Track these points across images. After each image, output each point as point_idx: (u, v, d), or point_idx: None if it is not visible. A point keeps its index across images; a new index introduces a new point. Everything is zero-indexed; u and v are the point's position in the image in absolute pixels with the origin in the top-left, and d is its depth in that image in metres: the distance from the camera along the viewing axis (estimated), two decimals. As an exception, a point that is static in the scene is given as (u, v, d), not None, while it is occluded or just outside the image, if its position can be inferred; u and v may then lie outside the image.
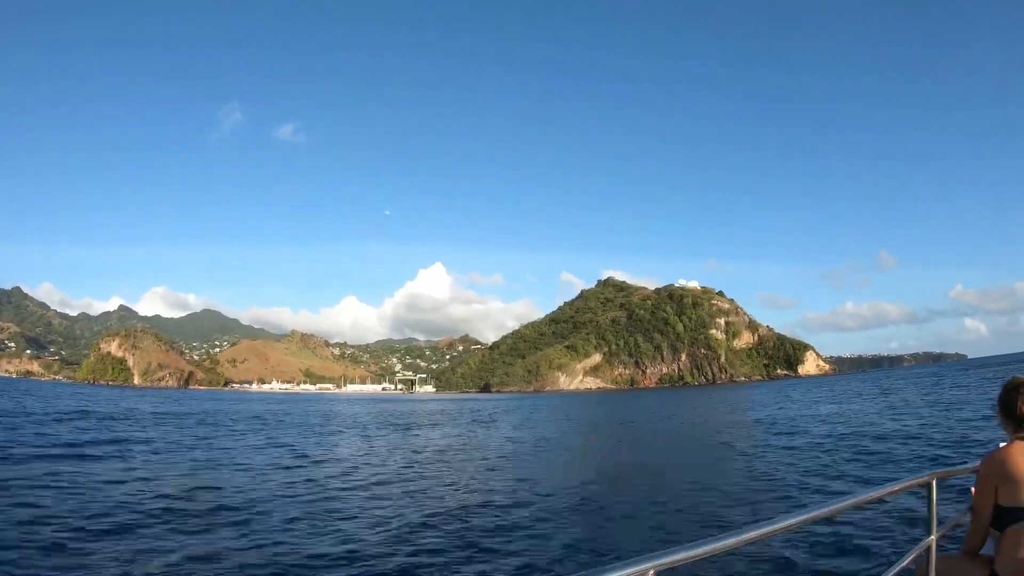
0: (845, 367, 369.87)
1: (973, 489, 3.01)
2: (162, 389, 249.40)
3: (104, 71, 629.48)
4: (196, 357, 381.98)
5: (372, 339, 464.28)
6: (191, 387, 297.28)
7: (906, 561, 2.62)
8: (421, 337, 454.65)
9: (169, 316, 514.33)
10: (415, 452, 22.56)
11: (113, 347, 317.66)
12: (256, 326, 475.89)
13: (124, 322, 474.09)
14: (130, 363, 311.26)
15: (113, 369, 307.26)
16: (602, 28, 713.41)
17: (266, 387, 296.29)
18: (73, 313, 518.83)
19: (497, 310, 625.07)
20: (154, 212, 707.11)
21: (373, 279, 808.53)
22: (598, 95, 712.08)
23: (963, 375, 71.89)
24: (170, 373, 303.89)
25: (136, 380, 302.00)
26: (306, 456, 20.32)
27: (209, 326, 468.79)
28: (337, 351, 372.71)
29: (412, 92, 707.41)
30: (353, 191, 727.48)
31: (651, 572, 1.33)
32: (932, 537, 2.80)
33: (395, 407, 74.17)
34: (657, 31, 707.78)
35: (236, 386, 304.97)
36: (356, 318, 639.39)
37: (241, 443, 24.52)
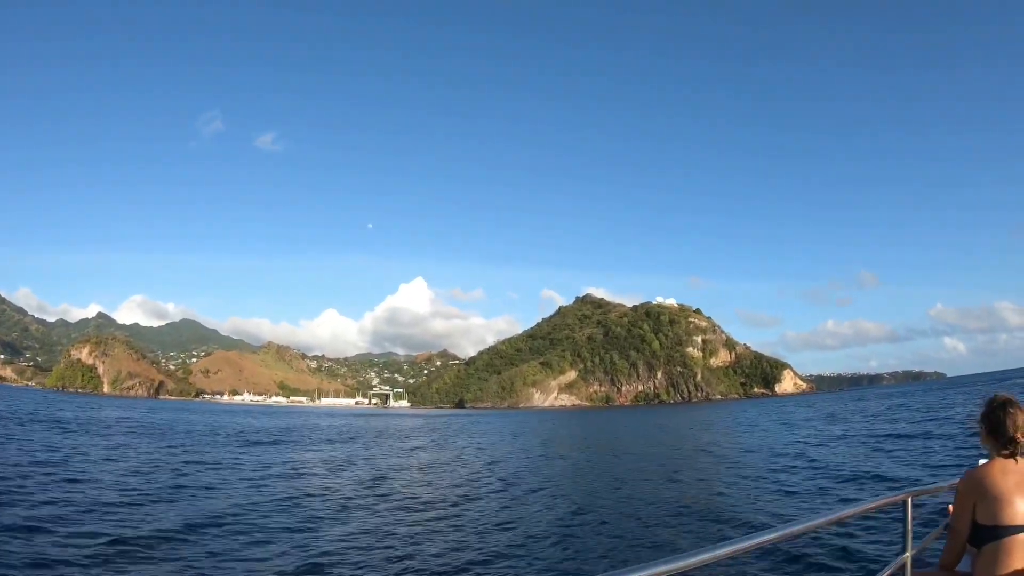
0: (825, 385, 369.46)
1: (951, 507, 2.98)
2: (131, 398, 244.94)
3: (85, 78, 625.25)
4: (173, 367, 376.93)
5: (352, 352, 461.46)
6: (161, 397, 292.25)
7: None
8: (401, 351, 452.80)
9: (148, 325, 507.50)
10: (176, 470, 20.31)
11: (83, 354, 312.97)
12: (235, 337, 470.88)
13: (102, 329, 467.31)
14: (100, 371, 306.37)
15: (83, 377, 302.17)
16: (582, 46, 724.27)
17: (237, 399, 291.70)
18: (51, 319, 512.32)
19: (478, 326, 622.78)
20: (135, 219, 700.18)
21: (354, 292, 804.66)
22: (581, 113, 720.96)
23: (927, 396, 69.30)
24: (140, 382, 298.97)
25: (105, 388, 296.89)
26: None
27: (188, 336, 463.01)
28: (314, 364, 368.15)
29: (394, 107, 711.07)
30: (335, 203, 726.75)
31: None
32: (907, 554, 2.82)
33: (327, 422, 71.50)
34: (639, 50, 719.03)
35: (208, 397, 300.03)
36: (336, 331, 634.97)
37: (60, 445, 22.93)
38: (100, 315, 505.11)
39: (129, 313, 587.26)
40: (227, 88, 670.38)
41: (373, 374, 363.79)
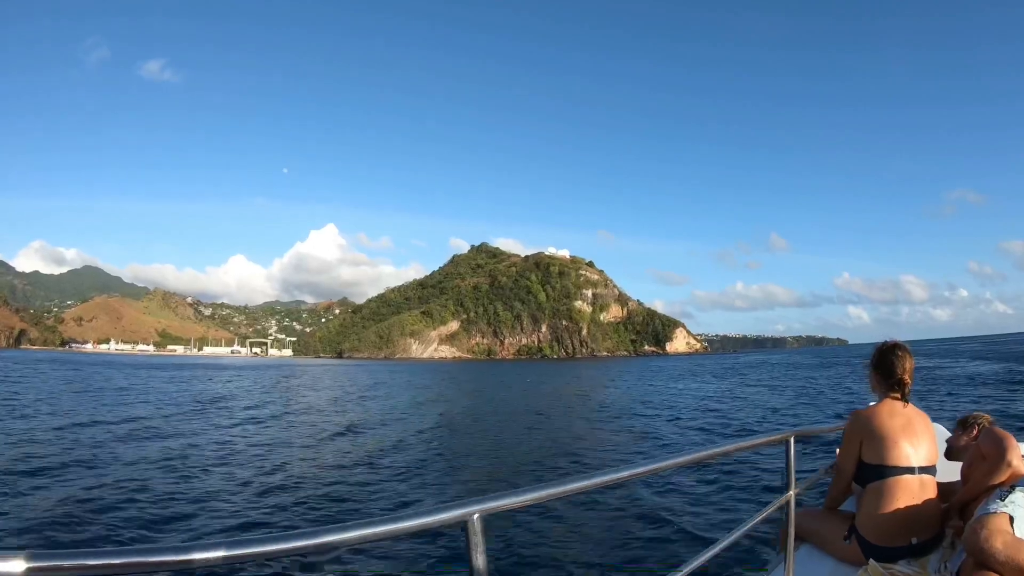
0: (729, 346, 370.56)
1: (839, 449, 3.06)
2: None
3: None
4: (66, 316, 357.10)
5: (260, 300, 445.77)
6: (23, 347, 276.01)
7: (765, 514, 2.64)
8: (310, 299, 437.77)
9: (48, 272, 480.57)
10: None
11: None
12: (139, 284, 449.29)
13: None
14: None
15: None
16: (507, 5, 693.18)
17: (103, 347, 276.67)
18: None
19: (387, 274, 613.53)
20: (28, 159, 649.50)
21: (263, 238, 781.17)
22: (504, 66, 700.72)
23: (790, 369, 59.99)
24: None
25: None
26: None
27: (89, 283, 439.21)
28: (209, 312, 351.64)
29: (306, 50, 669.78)
30: (243, 144, 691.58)
31: (475, 516, 1.20)
32: (791, 492, 2.87)
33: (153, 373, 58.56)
34: (569, 18, 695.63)
35: (75, 346, 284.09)
36: (243, 278, 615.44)
37: None
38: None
39: (28, 260, 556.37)
40: (114, 12, 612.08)
41: (273, 322, 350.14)
